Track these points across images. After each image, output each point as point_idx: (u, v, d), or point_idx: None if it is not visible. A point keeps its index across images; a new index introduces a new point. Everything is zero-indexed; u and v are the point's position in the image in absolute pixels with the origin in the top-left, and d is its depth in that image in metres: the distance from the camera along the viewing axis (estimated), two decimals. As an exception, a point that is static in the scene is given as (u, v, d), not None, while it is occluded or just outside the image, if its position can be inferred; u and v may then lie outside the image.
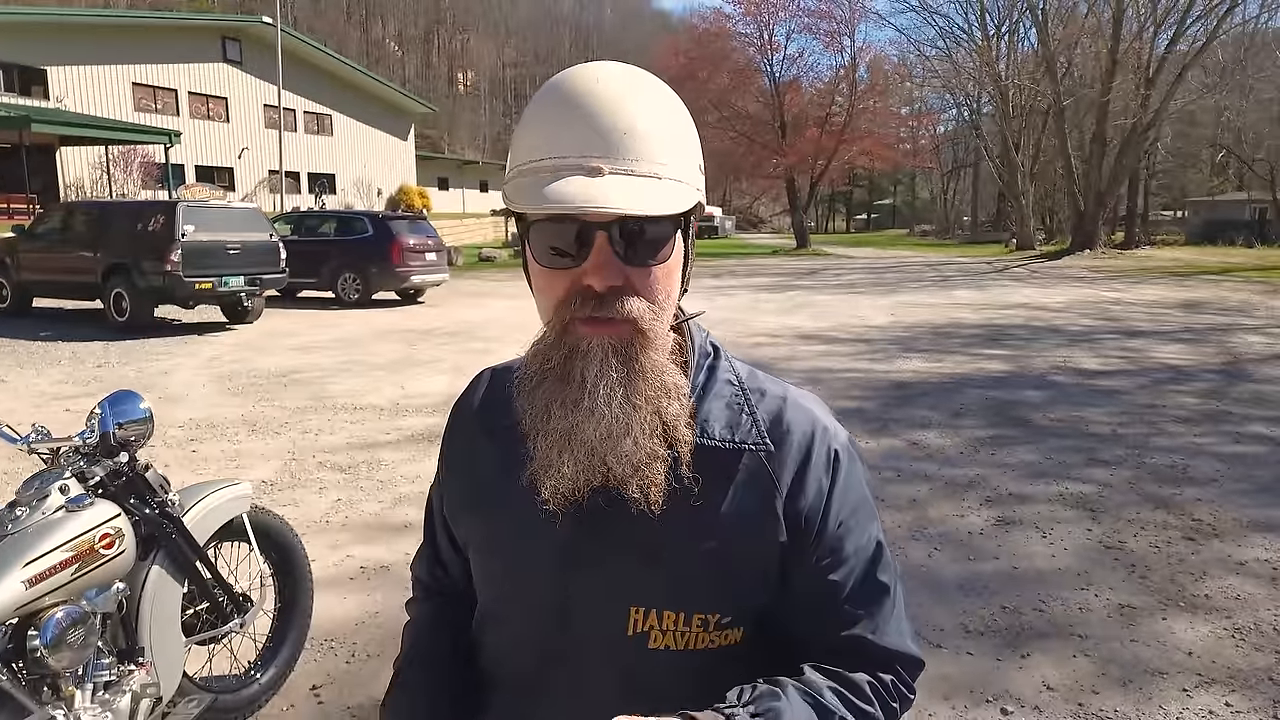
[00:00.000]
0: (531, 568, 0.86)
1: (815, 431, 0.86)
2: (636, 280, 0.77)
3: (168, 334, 11.39)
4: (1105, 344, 10.74)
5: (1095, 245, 34.11)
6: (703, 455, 0.82)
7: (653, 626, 0.82)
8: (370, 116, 41.75)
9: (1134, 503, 4.76)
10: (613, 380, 0.76)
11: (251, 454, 5.61)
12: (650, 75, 0.82)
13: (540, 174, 0.76)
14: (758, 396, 0.87)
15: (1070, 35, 36.81)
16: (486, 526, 0.92)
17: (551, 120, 0.77)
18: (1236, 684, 2.91)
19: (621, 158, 0.75)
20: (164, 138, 26.15)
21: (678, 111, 0.81)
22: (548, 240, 0.78)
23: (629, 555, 0.82)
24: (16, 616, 1.79)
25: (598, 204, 0.71)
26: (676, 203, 0.76)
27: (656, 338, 0.79)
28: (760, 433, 0.85)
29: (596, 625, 0.84)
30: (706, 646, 0.83)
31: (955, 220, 64.34)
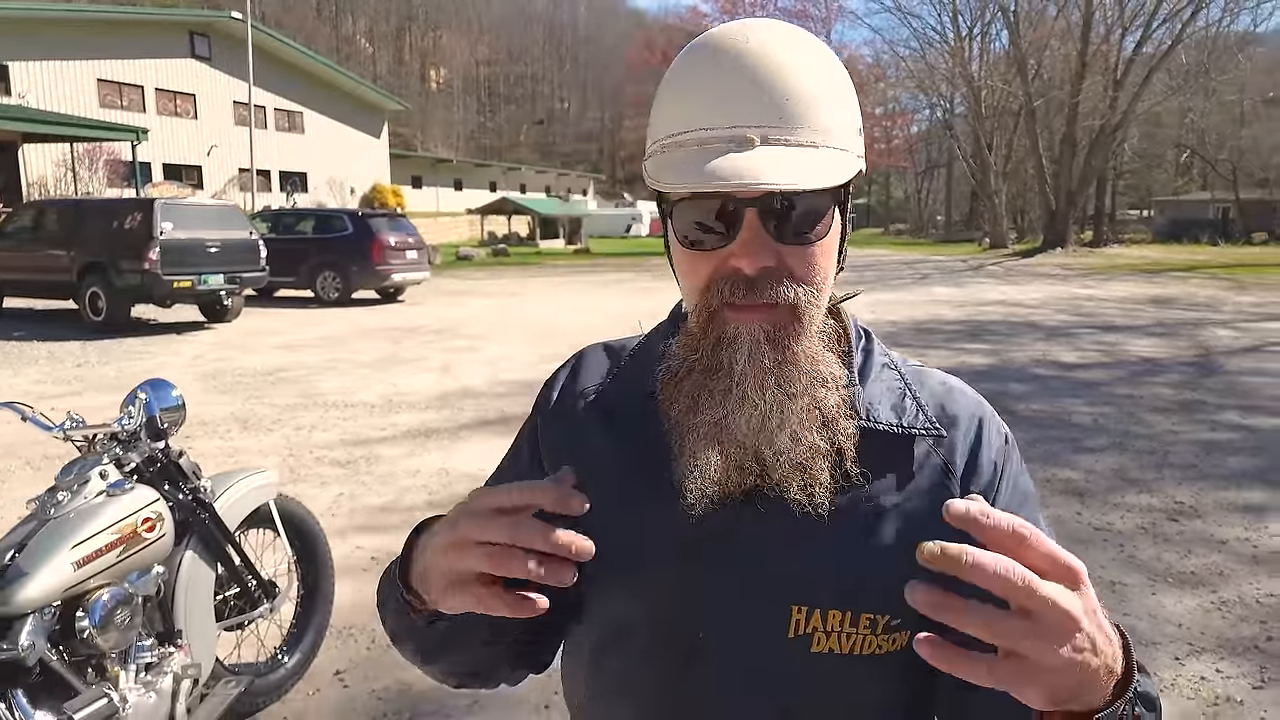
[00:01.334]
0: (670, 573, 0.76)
1: (984, 415, 0.81)
2: (791, 260, 0.71)
3: (145, 333, 11.25)
4: (1082, 338, 10.98)
5: (1066, 243, 34.75)
6: (869, 443, 0.75)
7: (816, 628, 0.74)
8: (342, 114, 41.32)
9: (1119, 487, 4.91)
10: (765, 369, 0.70)
11: (247, 450, 5.59)
12: (805, 32, 0.74)
13: (686, 148, 0.70)
14: (917, 381, 0.82)
15: (1041, 37, 37.44)
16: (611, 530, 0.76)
17: (697, 86, 0.71)
18: (1225, 652, 3.05)
19: (775, 125, 0.68)
20: (131, 135, 25.61)
21: (836, 71, 0.73)
22: (692, 219, 0.71)
23: (790, 549, 0.75)
24: (64, 599, 1.81)
25: (749, 179, 0.65)
26: (836, 173, 0.69)
27: (812, 323, 0.73)
28: (928, 417, 0.78)
29: (752, 629, 0.75)
30: (873, 652, 0.75)
31: (929, 219, 65.10)
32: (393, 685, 2.80)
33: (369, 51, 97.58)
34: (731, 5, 40.45)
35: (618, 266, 25.55)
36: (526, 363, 8.87)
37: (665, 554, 0.76)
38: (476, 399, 7.24)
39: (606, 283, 19.80)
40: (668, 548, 0.76)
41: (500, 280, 20.67)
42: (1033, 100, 36.18)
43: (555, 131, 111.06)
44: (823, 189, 0.68)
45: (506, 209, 39.45)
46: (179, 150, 33.60)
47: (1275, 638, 3.15)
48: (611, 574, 0.79)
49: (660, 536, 0.76)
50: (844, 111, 0.72)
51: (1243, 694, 2.78)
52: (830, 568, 0.74)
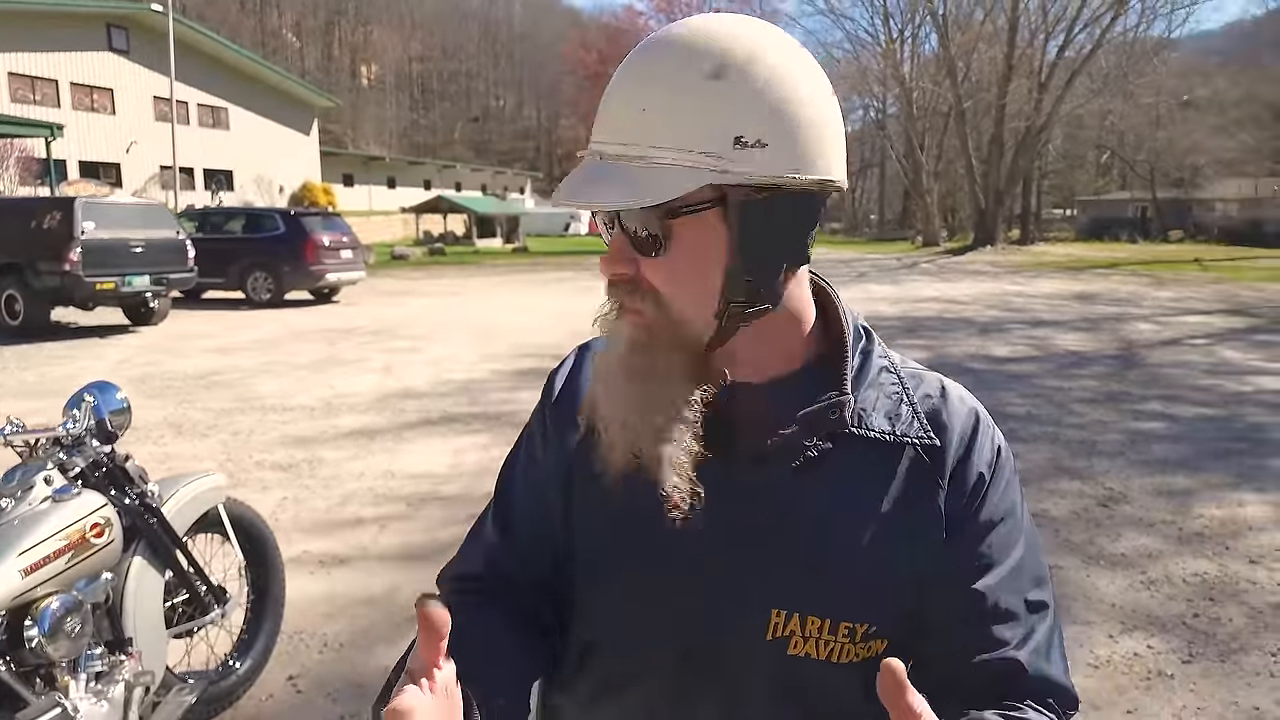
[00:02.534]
0: (663, 567, 0.77)
1: (978, 423, 0.79)
2: (648, 271, 0.71)
3: (66, 337, 10.78)
4: (1013, 333, 11.38)
5: (996, 242, 35.98)
6: (859, 450, 0.74)
7: (794, 631, 0.74)
8: (269, 110, 40.16)
9: (1052, 475, 5.11)
10: (624, 366, 0.73)
11: (181, 455, 5.42)
12: (725, 22, 0.70)
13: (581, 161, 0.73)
14: (914, 384, 0.80)
15: (969, 41, 38.63)
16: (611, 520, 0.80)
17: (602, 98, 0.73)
18: (1155, 629, 3.21)
19: (617, 141, 0.69)
20: (44, 131, 24.47)
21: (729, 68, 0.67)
22: (599, 226, 0.75)
23: (774, 553, 0.75)
24: (10, 607, 1.75)
25: (573, 199, 0.68)
26: (659, 190, 0.66)
27: (668, 336, 0.72)
28: (923, 426, 0.76)
29: (732, 627, 0.76)
30: (851, 660, 0.75)
31: (863, 218, 66.54)
32: (346, 688, 2.76)
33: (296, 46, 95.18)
34: (668, 4, 40.67)
35: (557, 265, 25.45)
36: (469, 363, 8.78)
37: (645, 558, 0.77)
38: (419, 400, 7.14)
39: (546, 282, 19.71)
40: (658, 547, 0.76)
41: (439, 280, 20.39)
42: (962, 102, 37.38)
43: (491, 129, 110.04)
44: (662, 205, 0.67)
45: (442, 207, 38.91)
46: (96, 147, 32.22)
47: (1201, 614, 3.32)
48: (596, 578, 0.81)
49: (640, 539, 0.77)
50: (705, 117, 0.67)
51: (1173, 668, 2.92)
52: (813, 574, 0.74)
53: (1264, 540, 4.10)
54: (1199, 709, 2.68)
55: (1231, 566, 3.78)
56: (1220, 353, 9.73)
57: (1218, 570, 3.74)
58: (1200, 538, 4.12)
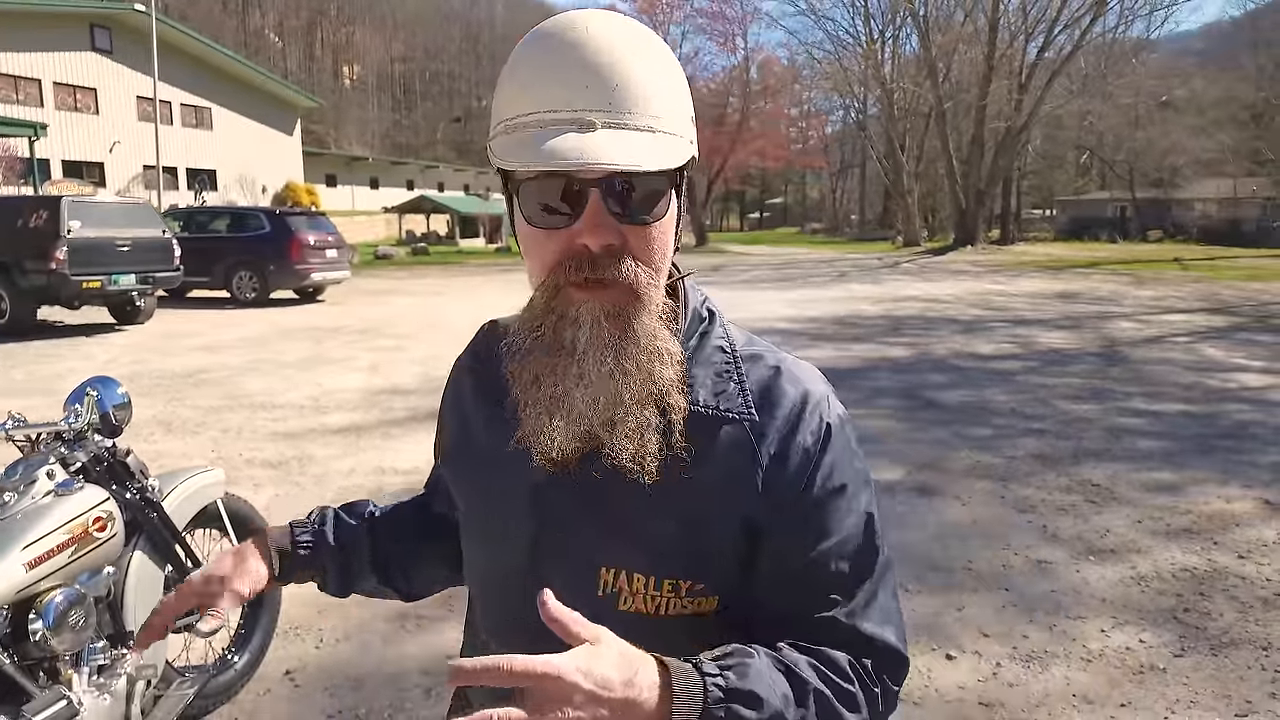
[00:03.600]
0: (510, 525, 0.84)
1: (806, 401, 0.81)
2: (632, 239, 0.74)
3: (52, 336, 10.69)
4: (996, 331, 11.49)
5: (976, 241, 36.25)
6: (695, 420, 0.79)
7: (622, 588, 0.79)
8: (253, 110, 39.91)
9: (1038, 471, 5.17)
10: (604, 346, 0.74)
11: (172, 453, 5.39)
12: (640, 24, 0.77)
13: (529, 129, 0.72)
14: (749, 364, 0.83)
15: (949, 42, 38.93)
16: (472, 482, 0.90)
17: (540, 71, 0.73)
18: (1147, 623, 3.25)
19: (614, 110, 0.71)
20: (28, 130, 24.26)
21: (670, 62, 0.77)
22: (538, 199, 0.74)
23: (600, 516, 0.79)
24: (14, 600, 1.74)
25: (592, 159, 0.68)
26: (672, 156, 0.72)
27: (651, 301, 0.75)
28: (746, 401, 0.80)
29: (568, 584, 0.77)
30: (679, 613, 0.79)
31: (844, 218, 66.81)
32: (344, 683, 2.76)
33: (279, 46, 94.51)
34: (649, 5, 40.71)
35: (543, 265, 25.36)
36: (458, 361, 8.75)
37: (507, 510, 0.84)
38: (407, 397, 7.13)
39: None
40: (509, 505, 0.83)
41: (423, 280, 20.32)
42: (943, 102, 37.65)
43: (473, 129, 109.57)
44: (659, 171, 0.72)
45: (425, 207, 38.81)
46: (79, 147, 31.93)
47: (1192, 609, 3.36)
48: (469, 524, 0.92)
49: (505, 494, 0.84)
50: (677, 101, 0.75)
51: (1165, 662, 2.95)
52: (638, 534, 0.79)
53: (1251, 535, 4.15)
54: (1192, 702, 2.71)
55: (1220, 561, 3.83)
56: (1202, 350, 9.87)
57: (1206, 565, 3.78)
58: (1188, 533, 4.17)
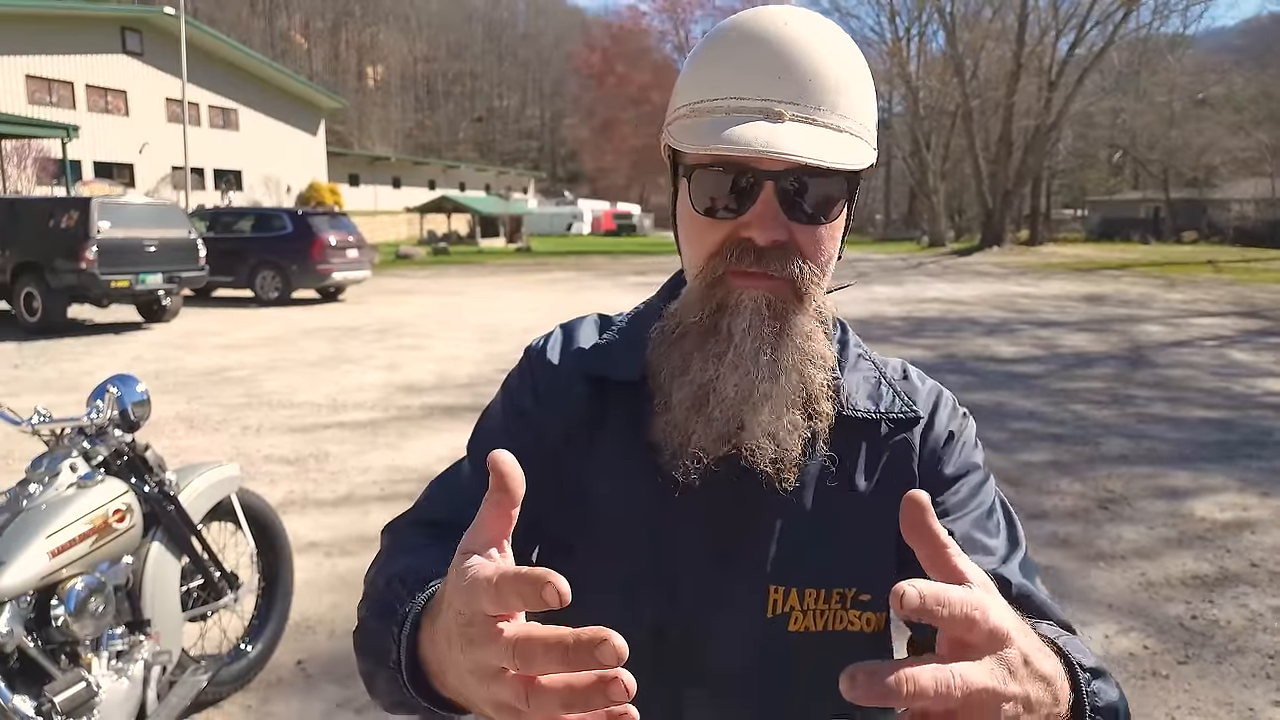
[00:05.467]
0: (645, 539, 0.76)
1: (940, 395, 0.86)
2: (800, 238, 0.72)
3: (82, 334, 10.92)
4: (1018, 334, 11.40)
5: (1003, 242, 35.87)
6: (846, 428, 0.78)
7: (793, 607, 0.76)
8: (278, 111, 40.41)
9: (1052, 475, 5.15)
10: (762, 338, 0.72)
11: (194, 450, 5.51)
12: (836, 25, 0.76)
13: (714, 114, 0.71)
14: (885, 368, 0.86)
15: (977, 39, 38.53)
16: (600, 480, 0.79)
17: (732, 58, 0.72)
18: (1152, 630, 3.24)
19: (806, 104, 0.70)
20: (61, 132, 24.75)
21: (862, 66, 0.75)
22: (710, 186, 0.72)
23: (768, 531, 0.77)
24: (39, 587, 1.83)
25: (778, 149, 0.66)
26: (856, 157, 0.71)
27: (812, 301, 0.75)
28: (903, 400, 0.82)
29: (732, 606, 0.76)
30: (847, 628, 0.76)
31: (868, 218, 66.38)
32: (352, 673, 2.79)
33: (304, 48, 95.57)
34: (670, 4, 40.76)
35: (560, 265, 25.55)
36: (474, 361, 8.86)
37: (640, 531, 0.76)
38: (423, 396, 7.23)
39: (551, 282, 19.80)
40: (643, 524, 0.76)
41: (442, 279, 20.49)
42: (969, 101, 37.27)
43: (495, 129, 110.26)
44: (837, 173, 0.71)
45: (446, 207, 39.10)
46: (110, 148, 32.49)
47: (1200, 616, 3.34)
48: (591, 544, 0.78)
49: (636, 511, 0.76)
50: (865, 104, 0.74)
51: (1169, 669, 2.94)
52: (806, 548, 0.76)
53: (1266, 542, 4.12)
54: (1193, 709, 2.71)
55: (1232, 568, 3.80)
56: (1230, 355, 9.73)
57: (1217, 572, 3.76)
58: (1202, 540, 4.14)
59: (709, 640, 0.75)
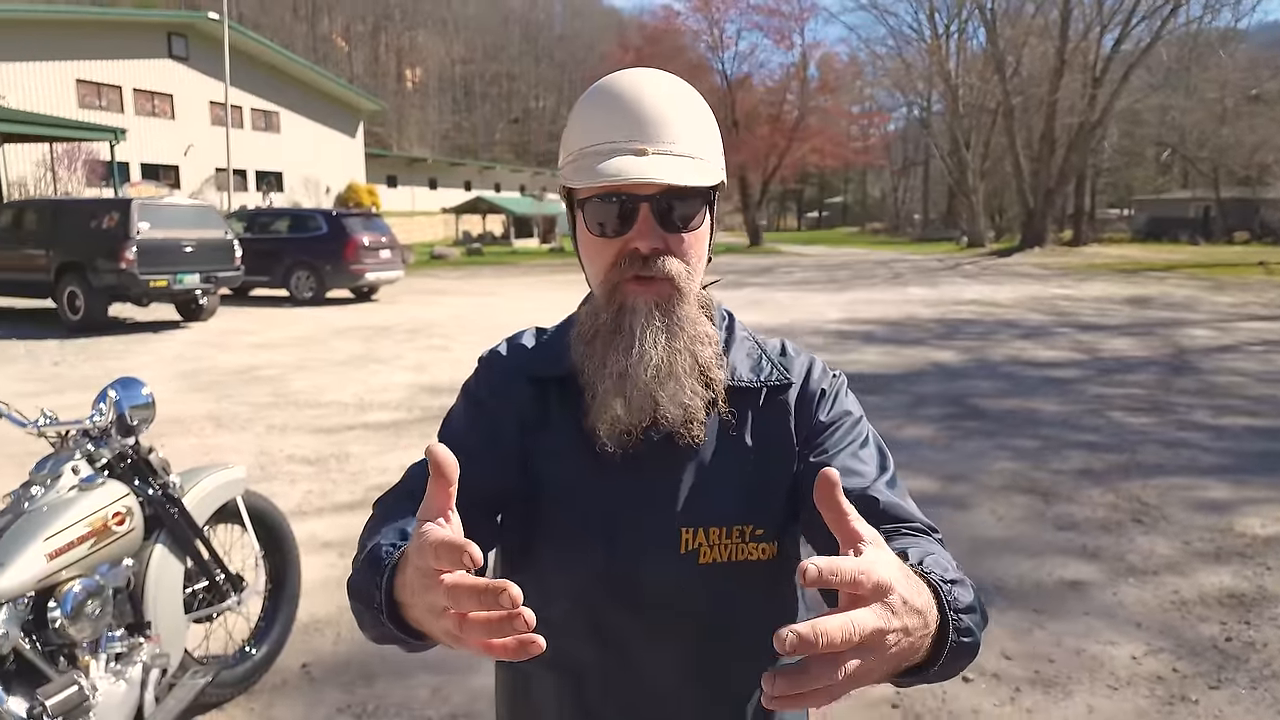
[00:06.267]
0: (588, 502, 0.94)
1: (814, 361, 1.05)
2: (673, 245, 0.91)
3: (122, 332, 11.18)
4: (1056, 338, 11.14)
5: (1044, 242, 35.12)
6: (734, 396, 0.97)
7: (701, 543, 0.93)
8: (318, 113, 41.06)
9: (1084, 487, 5.00)
10: (657, 329, 0.90)
11: (220, 448, 5.59)
12: (682, 81, 0.97)
13: (596, 156, 0.89)
14: (766, 346, 1.05)
15: (1018, 35, 37.78)
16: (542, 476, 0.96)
17: (604, 111, 0.91)
18: (1183, 651, 3.10)
19: (662, 141, 0.89)
20: (109, 135, 25.40)
21: (705, 109, 0.96)
22: (599, 213, 0.91)
23: (676, 483, 0.94)
24: (37, 589, 1.84)
25: (646, 176, 0.85)
26: (707, 177, 0.91)
27: (690, 294, 0.93)
28: (780, 370, 1.01)
29: (653, 548, 0.93)
30: (747, 558, 0.94)
31: (906, 218, 65.56)
32: (357, 677, 2.84)
33: (345, 51, 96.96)
34: (704, 4, 40.58)
35: (596, 266, 25.46)
36: (504, 362, 8.86)
37: (586, 490, 0.94)
38: (449, 397, 7.16)
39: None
40: (587, 483, 0.94)
41: (475, 280, 20.62)
42: (1010, 98, 36.55)
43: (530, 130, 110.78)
44: (694, 191, 0.90)
45: (481, 208, 39.41)
46: (156, 150, 33.27)
47: (1235, 638, 3.19)
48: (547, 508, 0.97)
49: (581, 474, 0.95)
50: (710, 136, 0.95)
51: (1198, 694, 2.81)
52: (708, 494, 0.94)
53: (1308, 558, 3.95)
54: (1222, 736, 2.60)
55: (1272, 587, 3.63)
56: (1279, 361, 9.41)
57: (1256, 591, 3.59)
58: (1240, 556, 3.97)
59: (642, 579, 0.93)
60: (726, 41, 42.16)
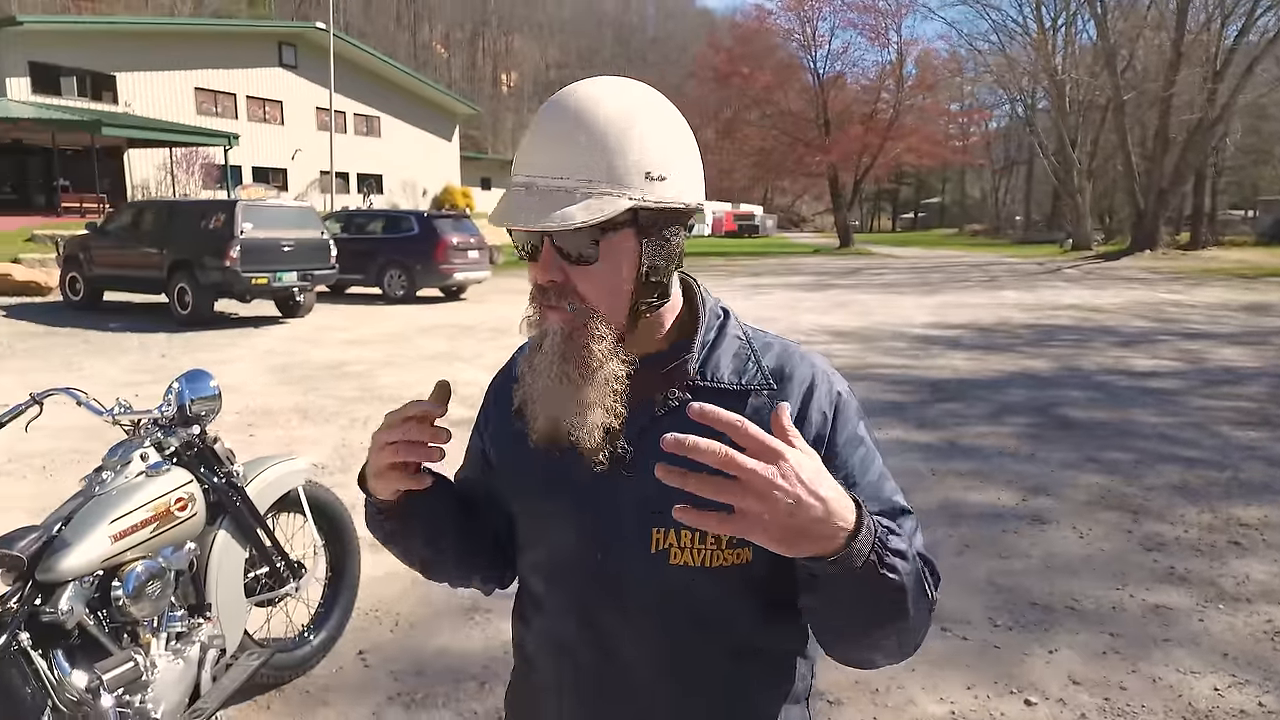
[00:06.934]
0: (569, 494, 0.96)
1: (816, 375, 0.97)
2: (574, 277, 0.89)
3: (226, 327, 11.82)
4: (1158, 345, 10.52)
5: (1156, 245, 33.17)
6: (710, 398, 0.89)
7: (671, 544, 0.92)
8: (417, 118, 42.54)
9: (1179, 505, 4.70)
10: (561, 355, 0.90)
11: (304, 440, 5.84)
12: (628, 88, 0.90)
13: (509, 188, 0.90)
14: (763, 349, 0.99)
15: (1132, 28, 35.82)
16: (526, 483, 1.02)
17: (527, 137, 0.90)
18: (1272, 685, 2.88)
19: (551, 175, 0.85)
20: (224, 140, 27.07)
21: (630, 122, 0.88)
22: (519, 242, 0.93)
23: (647, 480, 0.88)
24: (103, 569, 1.97)
25: (513, 222, 0.85)
26: (591, 214, 0.84)
27: (595, 329, 0.90)
28: (765, 376, 0.96)
29: (625, 548, 0.94)
30: (721, 564, 0.92)
31: (1007, 219, 63.02)
32: (410, 667, 2.92)
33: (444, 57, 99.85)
34: (797, 2, 40.03)
35: (681, 267, 25.49)
36: (581, 361, 8.98)
37: (556, 493, 0.98)
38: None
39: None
40: (556, 488, 0.97)
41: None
42: (1122, 94, 34.64)
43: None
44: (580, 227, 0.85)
45: (570, 210, 39.83)
46: (267, 154, 35.12)
47: (1331, 671, 2.95)
48: (529, 519, 1.04)
49: (551, 479, 0.97)
50: (619, 159, 0.87)
51: (1284, 728, 2.62)
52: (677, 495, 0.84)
53: None
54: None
55: (1381, 620, 3.35)
56: None
57: (1363, 623, 3.32)
58: (1349, 585, 3.68)
59: (621, 578, 0.95)
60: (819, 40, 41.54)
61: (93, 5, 51.82)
